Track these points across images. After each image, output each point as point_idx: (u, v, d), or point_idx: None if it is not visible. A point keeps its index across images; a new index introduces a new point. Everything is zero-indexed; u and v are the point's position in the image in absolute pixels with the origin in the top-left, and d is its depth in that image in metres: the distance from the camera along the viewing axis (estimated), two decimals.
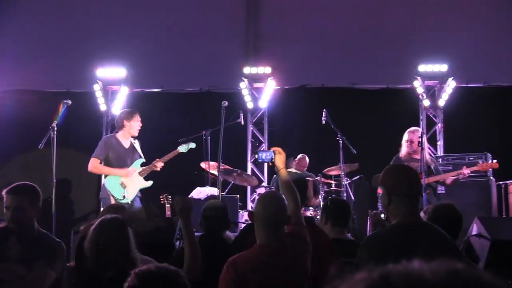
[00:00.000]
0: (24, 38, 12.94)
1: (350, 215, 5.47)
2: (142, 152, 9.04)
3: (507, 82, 12.35)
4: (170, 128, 11.71)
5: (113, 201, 8.57)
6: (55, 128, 8.08)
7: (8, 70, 12.27)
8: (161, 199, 9.28)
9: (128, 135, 8.95)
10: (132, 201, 8.61)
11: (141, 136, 10.80)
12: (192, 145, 9.23)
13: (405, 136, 9.10)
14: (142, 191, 8.93)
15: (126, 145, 8.94)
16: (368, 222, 8.91)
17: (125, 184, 8.65)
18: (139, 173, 8.83)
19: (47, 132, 8.10)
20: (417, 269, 0.87)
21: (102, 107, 11.61)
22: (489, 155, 9.81)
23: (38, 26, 12.98)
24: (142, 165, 8.94)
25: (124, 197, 8.59)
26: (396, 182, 3.71)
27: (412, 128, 9.19)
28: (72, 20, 12.99)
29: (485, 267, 5.68)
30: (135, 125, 8.91)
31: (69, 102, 8.53)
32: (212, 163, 9.34)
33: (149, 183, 8.88)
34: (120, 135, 8.95)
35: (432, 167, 8.90)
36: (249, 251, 3.97)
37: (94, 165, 8.80)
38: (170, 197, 9.21)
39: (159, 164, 8.88)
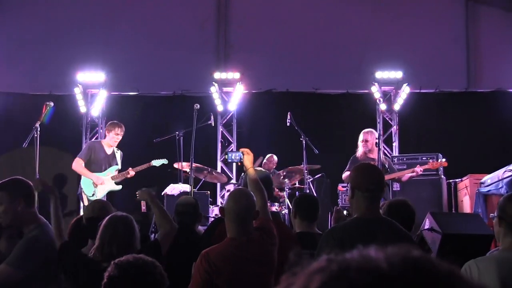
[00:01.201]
0: (7, 42, 12.80)
1: (318, 209, 5.43)
2: (122, 161, 9.46)
3: (457, 88, 12.51)
4: (146, 128, 11.68)
5: (85, 197, 9.10)
6: (38, 128, 8.03)
7: None
8: (137, 195, 9.24)
9: (109, 143, 9.36)
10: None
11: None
12: (165, 161, 9.59)
13: (360, 137, 9.18)
14: (122, 189, 9.33)
15: (108, 151, 9.38)
16: (331, 218, 8.96)
17: (96, 184, 8.91)
18: (112, 177, 9.23)
19: (30, 132, 8.04)
20: (374, 259, 0.84)
21: (82, 109, 11.53)
22: (440, 155, 9.91)
23: (21, 31, 12.85)
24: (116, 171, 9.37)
25: (93, 194, 8.89)
26: (358, 178, 3.77)
27: (366, 129, 9.27)
28: (54, 26, 12.91)
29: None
30: (112, 136, 9.31)
31: (52, 104, 8.47)
32: (184, 163, 9.34)
33: (119, 187, 9.30)
34: (104, 142, 9.46)
35: (386, 166, 9.00)
36: (220, 244, 3.99)
37: (77, 164, 9.26)
38: None
39: (131, 172, 9.28)
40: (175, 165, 9.56)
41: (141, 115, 11.93)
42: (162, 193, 9.24)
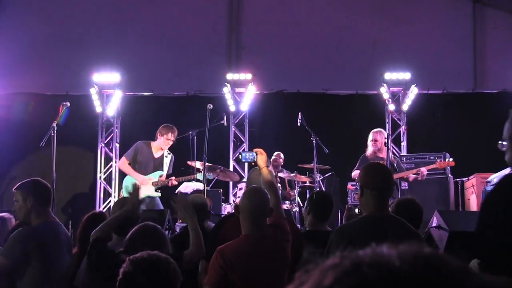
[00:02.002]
0: (25, 44, 12.87)
1: (332, 209, 5.37)
2: (173, 166, 9.36)
3: (464, 89, 12.46)
4: (159, 128, 11.69)
5: (121, 195, 9.05)
6: (55, 127, 8.07)
7: (11, 74, 12.19)
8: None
9: (160, 146, 9.19)
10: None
11: (133, 135, 10.81)
12: (210, 177, 9.38)
13: (370, 136, 9.17)
14: None
15: (156, 155, 9.22)
16: (343, 215, 8.93)
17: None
18: (153, 182, 9.05)
19: (48, 132, 8.08)
20: (386, 255, 0.84)
21: (98, 109, 11.57)
22: (447, 154, 9.88)
23: (38, 33, 12.94)
24: (160, 177, 9.18)
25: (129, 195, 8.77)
26: (367, 177, 3.78)
27: (376, 129, 9.26)
28: (70, 28, 13.00)
29: None
30: (164, 141, 9.16)
31: (68, 104, 8.52)
32: (197, 162, 9.35)
33: (157, 194, 9.12)
34: (154, 144, 9.26)
35: (395, 165, 8.97)
36: (235, 240, 4.01)
37: (121, 163, 9.26)
38: (159, 191, 9.24)
39: (173, 182, 9.13)
40: (189, 163, 9.57)
41: (155, 115, 11.96)
42: (176, 191, 9.25)
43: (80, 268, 4.61)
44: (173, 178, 9.14)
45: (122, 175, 10.44)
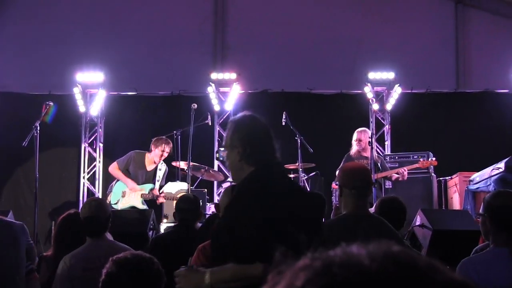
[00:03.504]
0: (7, 43, 12.79)
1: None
2: (166, 177, 9.20)
3: (447, 89, 12.53)
4: (144, 127, 11.65)
5: (108, 199, 8.79)
6: (38, 127, 8.01)
7: None
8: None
9: (154, 159, 9.03)
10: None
11: (117, 135, 10.75)
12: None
13: (354, 136, 9.19)
14: None
15: (149, 168, 9.05)
16: (331, 214, 8.92)
17: (125, 195, 8.72)
18: (142, 194, 8.88)
19: (30, 131, 8.01)
20: (356, 255, 0.85)
21: (81, 109, 11.49)
22: (430, 154, 9.93)
23: (21, 31, 12.84)
24: (151, 190, 9.03)
25: (116, 203, 8.68)
26: (346, 176, 3.81)
27: (360, 129, 9.29)
28: (53, 26, 12.91)
29: (427, 253, 5.77)
30: (157, 153, 8.94)
31: (51, 103, 8.46)
32: (182, 162, 9.31)
33: (143, 207, 8.87)
34: (149, 156, 9.07)
35: (379, 164, 9.01)
36: None
37: (112, 168, 9.03)
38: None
39: (160, 200, 8.95)
40: (173, 164, 9.54)
41: (140, 115, 11.91)
42: (160, 191, 9.22)
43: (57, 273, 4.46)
44: (162, 195, 8.94)
45: (106, 175, 10.40)
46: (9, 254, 4.56)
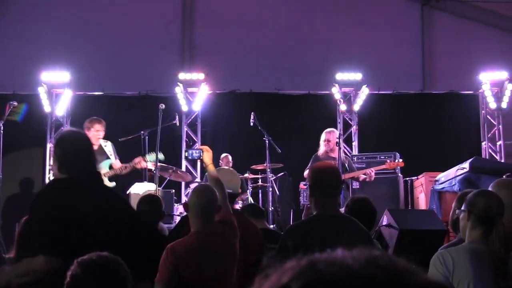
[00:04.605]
0: None
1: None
2: (116, 151, 8.95)
3: (413, 90, 12.67)
4: (111, 128, 11.52)
5: None
6: (2, 127, 7.88)
7: None
8: None
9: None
10: None
11: None
12: (161, 157, 8.85)
13: (323, 136, 9.22)
14: None
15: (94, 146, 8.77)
16: (303, 214, 8.94)
17: None
18: (104, 173, 8.68)
19: None
20: (340, 256, 0.89)
21: (47, 109, 11.34)
22: (397, 154, 10.02)
23: None
24: (110, 165, 8.82)
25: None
26: (315, 176, 3.82)
27: (329, 129, 9.32)
28: (18, 25, 12.69)
29: (393, 253, 5.82)
30: (93, 134, 8.70)
31: (15, 103, 8.33)
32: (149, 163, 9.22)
33: (112, 184, 8.67)
34: None
35: (346, 165, 9.05)
36: (185, 238, 4.08)
37: None
38: None
39: (142, 164, 8.76)
40: (140, 164, 9.45)
41: (107, 115, 11.78)
42: (127, 192, 9.14)
43: None
44: (137, 160, 8.76)
45: None
46: None
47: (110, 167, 8.87)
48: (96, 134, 8.74)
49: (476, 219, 3.33)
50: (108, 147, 8.91)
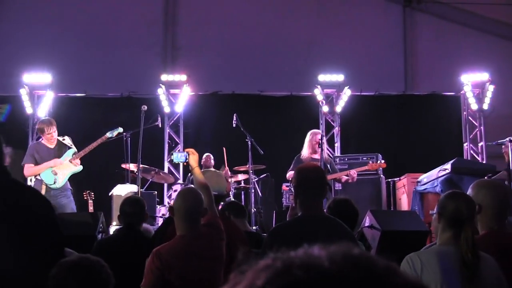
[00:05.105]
0: None
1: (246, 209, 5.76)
2: (74, 143, 8.75)
3: (395, 91, 12.74)
4: (93, 130, 11.47)
5: (43, 188, 8.26)
6: None
7: None
8: (84, 195, 9.10)
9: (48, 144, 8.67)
10: (62, 187, 8.34)
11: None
12: (119, 130, 8.80)
13: (307, 138, 9.22)
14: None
15: (52, 145, 8.66)
16: (288, 215, 8.93)
17: (55, 172, 8.38)
18: (70, 160, 8.55)
19: None
20: (316, 256, 0.86)
21: (29, 111, 11.27)
22: (379, 155, 10.06)
23: None
24: (74, 153, 8.62)
25: (54, 182, 8.33)
26: (300, 177, 3.82)
27: (313, 130, 9.33)
28: None
29: (376, 254, 5.84)
30: (47, 138, 8.52)
31: None
32: (132, 164, 9.18)
33: (79, 167, 8.53)
34: (44, 141, 8.61)
35: (329, 166, 9.06)
36: (171, 241, 4.04)
37: (27, 170, 8.49)
38: (92, 193, 9.04)
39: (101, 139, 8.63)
40: (123, 166, 9.42)
41: (89, 117, 11.73)
42: (110, 194, 9.09)
43: None
44: (103, 138, 8.62)
45: None
46: None
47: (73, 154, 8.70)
48: (49, 136, 8.57)
49: (446, 221, 3.34)
50: (67, 140, 8.72)
